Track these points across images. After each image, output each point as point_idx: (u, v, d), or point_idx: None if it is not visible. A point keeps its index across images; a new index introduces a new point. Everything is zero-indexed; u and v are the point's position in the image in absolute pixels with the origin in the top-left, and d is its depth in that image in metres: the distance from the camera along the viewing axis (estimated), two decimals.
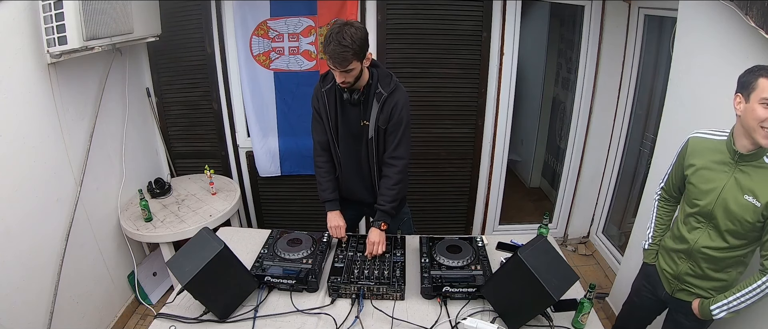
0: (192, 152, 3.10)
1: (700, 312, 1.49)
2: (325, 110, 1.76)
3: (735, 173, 1.34)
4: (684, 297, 1.57)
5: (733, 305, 1.39)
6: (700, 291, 1.51)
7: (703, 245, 1.44)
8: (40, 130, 1.97)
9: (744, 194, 1.30)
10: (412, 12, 2.66)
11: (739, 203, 1.32)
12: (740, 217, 1.32)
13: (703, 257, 1.46)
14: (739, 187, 1.32)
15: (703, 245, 1.44)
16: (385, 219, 1.81)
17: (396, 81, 1.73)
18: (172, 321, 1.53)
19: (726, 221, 1.36)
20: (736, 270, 1.45)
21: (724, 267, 1.44)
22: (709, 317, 1.47)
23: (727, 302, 1.40)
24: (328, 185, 1.90)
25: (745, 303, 1.36)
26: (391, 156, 1.78)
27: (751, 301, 1.36)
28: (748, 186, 1.30)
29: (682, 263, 1.54)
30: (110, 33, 2.05)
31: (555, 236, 3.31)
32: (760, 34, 1.43)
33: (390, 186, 1.80)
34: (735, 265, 1.44)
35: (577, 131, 3.11)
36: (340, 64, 1.53)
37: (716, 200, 1.37)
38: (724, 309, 1.41)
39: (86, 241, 2.27)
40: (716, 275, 1.46)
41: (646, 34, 2.70)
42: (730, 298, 1.40)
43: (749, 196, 1.29)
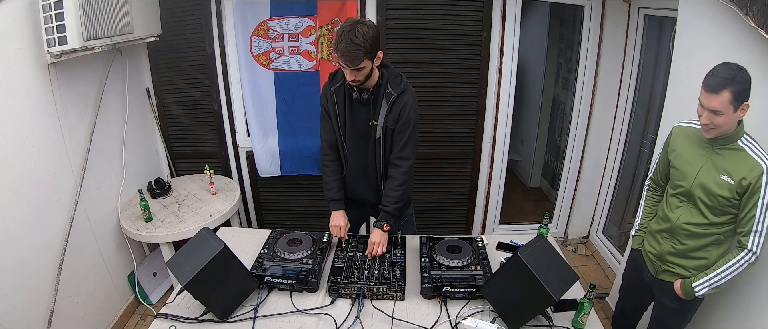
0: (192, 152, 3.10)
1: (683, 290, 1.58)
2: (334, 109, 1.76)
3: (712, 156, 1.49)
4: (667, 278, 1.66)
5: (713, 281, 1.50)
6: (681, 270, 1.61)
7: (685, 221, 1.57)
8: (40, 130, 1.97)
9: (719, 173, 1.45)
10: (412, 12, 2.66)
11: (715, 181, 1.46)
12: (717, 193, 1.46)
13: (684, 233, 1.57)
14: (715, 167, 1.47)
15: (684, 221, 1.57)
16: (388, 220, 1.81)
17: (406, 82, 1.73)
18: (172, 321, 1.53)
19: (704, 198, 1.50)
20: (717, 250, 1.54)
21: (704, 244, 1.54)
22: (691, 295, 1.55)
23: (708, 278, 1.51)
24: (333, 184, 1.90)
25: (725, 278, 1.48)
26: (397, 157, 1.78)
27: (730, 277, 1.47)
28: (723, 166, 1.45)
29: (664, 242, 1.65)
30: (110, 33, 2.05)
31: (555, 236, 3.31)
32: (760, 34, 1.43)
33: (395, 187, 1.80)
34: (714, 244, 1.53)
35: (577, 131, 3.11)
36: (351, 62, 1.53)
37: (694, 180, 1.52)
38: (706, 285, 1.52)
39: (86, 241, 2.27)
40: (697, 253, 1.56)
41: (646, 34, 2.70)
42: (711, 275, 1.50)
43: (724, 175, 1.44)
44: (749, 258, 1.43)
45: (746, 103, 1.36)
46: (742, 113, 1.38)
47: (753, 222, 1.40)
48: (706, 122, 1.42)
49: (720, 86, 1.34)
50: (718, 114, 1.37)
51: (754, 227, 1.40)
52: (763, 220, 1.39)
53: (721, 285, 1.50)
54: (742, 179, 1.40)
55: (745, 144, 1.43)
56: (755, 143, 1.43)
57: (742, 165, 1.41)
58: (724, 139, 1.45)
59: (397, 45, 2.72)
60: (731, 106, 1.35)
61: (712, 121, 1.40)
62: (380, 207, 1.83)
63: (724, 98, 1.34)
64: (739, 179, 1.41)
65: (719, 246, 1.54)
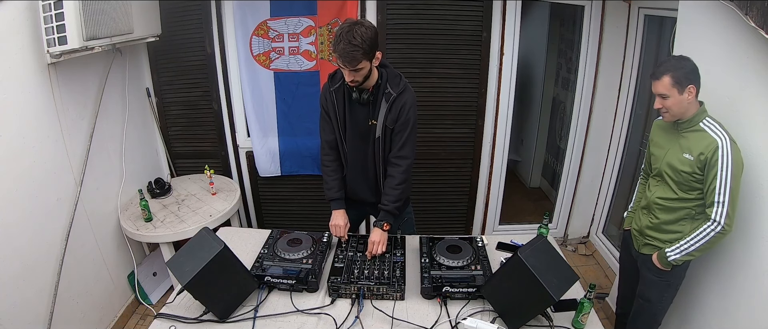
0: (192, 152, 3.10)
1: (659, 260, 1.73)
2: (334, 109, 1.77)
3: (678, 139, 1.67)
4: (648, 252, 1.81)
5: (684, 248, 1.65)
6: (658, 243, 1.76)
7: (658, 196, 1.75)
8: (40, 130, 1.97)
9: (683, 152, 1.63)
10: (412, 12, 2.66)
11: (679, 159, 1.64)
12: (680, 170, 1.63)
13: (658, 207, 1.75)
14: (680, 148, 1.65)
15: (657, 196, 1.75)
16: (388, 219, 1.81)
17: (405, 82, 1.74)
18: (172, 321, 1.53)
19: (671, 174, 1.67)
20: (690, 225, 1.68)
21: (676, 218, 1.70)
22: (667, 264, 1.70)
23: (680, 245, 1.66)
24: (334, 184, 1.91)
25: (694, 245, 1.62)
26: (396, 156, 1.79)
27: (698, 244, 1.61)
28: (686, 146, 1.62)
29: (644, 217, 1.83)
30: (110, 33, 2.05)
31: (555, 236, 3.32)
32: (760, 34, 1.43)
33: (394, 186, 1.80)
34: (687, 219, 1.69)
35: (577, 131, 3.11)
36: (350, 63, 1.53)
37: (663, 160, 1.72)
38: (677, 252, 1.66)
39: (86, 241, 2.27)
40: (671, 227, 1.72)
41: (646, 34, 2.70)
42: (682, 242, 1.65)
43: (686, 153, 1.62)
44: (714, 227, 1.55)
45: (692, 85, 1.53)
46: (690, 96, 1.54)
47: (714, 194, 1.53)
48: (658, 106, 1.62)
49: (661, 73, 1.56)
50: (665, 98, 1.57)
51: (715, 198, 1.54)
52: (723, 191, 1.52)
53: (691, 252, 1.63)
54: (700, 154, 1.56)
55: (705, 125, 1.58)
56: (715, 123, 1.57)
57: (701, 142, 1.57)
58: (686, 123, 1.62)
59: (397, 45, 2.72)
60: (674, 88, 1.54)
61: (663, 104, 1.59)
62: (380, 206, 1.83)
63: (665, 82, 1.54)
64: (697, 154, 1.57)
65: (692, 221, 1.68)
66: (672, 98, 1.56)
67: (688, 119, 1.61)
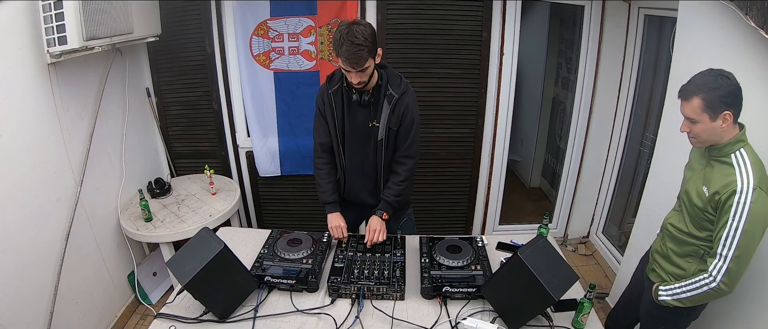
0: (192, 152, 3.10)
1: (653, 293, 1.57)
2: (332, 112, 1.76)
3: (706, 167, 1.44)
4: (652, 278, 1.66)
5: (675, 291, 1.48)
6: (662, 272, 1.60)
7: (670, 222, 1.58)
8: (40, 130, 1.97)
9: (703, 184, 1.41)
10: (412, 12, 2.66)
11: (697, 191, 1.43)
12: (695, 202, 1.43)
13: (668, 234, 1.58)
14: (703, 178, 1.43)
15: (669, 222, 1.58)
16: (387, 210, 1.82)
17: (406, 82, 1.74)
18: (172, 321, 1.53)
19: (687, 205, 1.49)
20: (696, 265, 1.48)
21: (684, 253, 1.51)
22: (657, 299, 1.54)
23: (672, 287, 1.50)
24: (328, 187, 1.90)
25: (685, 293, 1.44)
26: (403, 155, 1.80)
27: (691, 294, 1.43)
28: (708, 177, 1.40)
29: (658, 241, 1.67)
30: (110, 33, 2.05)
31: (555, 236, 3.31)
32: (760, 34, 1.43)
33: (398, 182, 1.82)
34: (693, 257, 1.49)
35: (577, 131, 3.11)
36: (356, 63, 1.52)
37: (684, 185, 1.54)
38: (669, 293, 1.50)
39: (86, 241, 2.27)
40: (677, 259, 1.53)
41: (646, 34, 2.70)
42: (675, 285, 1.49)
43: (705, 186, 1.39)
44: (708, 282, 1.36)
45: (727, 112, 1.28)
46: (724, 123, 1.30)
47: (719, 245, 1.32)
48: (685, 129, 1.39)
49: (691, 92, 1.32)
50: (693, 122, 1.34)
51: (719, 250, 1.32)
52: (729, 245, 1.29)
53: (681, 300, 1.46)
54: (715, 193, 1.33)
55: (736, 158, 1.33)
56: (746, 161, 1.31)
57: (722, 180, 1.33)
58: (716, 150, 1.38)
59: (397, 45, 2.72)
60: (705, 114, 1.30)
61: (691, 129, 1.37)
62: (381, 197, 1.84)
63: (694, 105, 1.31)
64: (712, 192, 1.34)
65: (700, 262, 1.47)
66: (702, 123, 1.32)
67: (720, 146, 1.36)
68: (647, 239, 1.87)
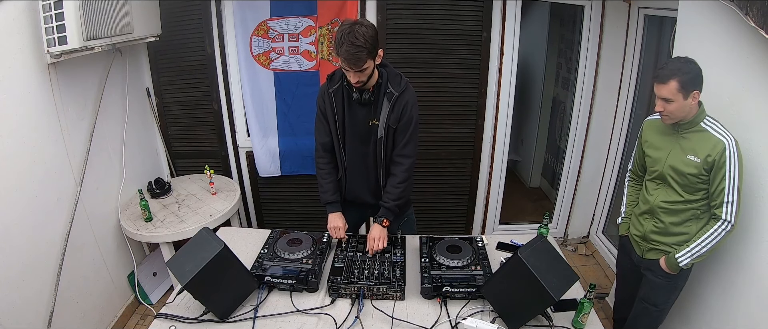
0: (192, 152, 3.10)
1: (668, 264, 1.69)
2: (332, 111, 1.76)
3: (679, 140, 1.63)
4: (653, 256, 1.77)
5: (695, 251, 1.62)
6: (665, 247, 1.73)
7: (662, 199, 1.70)
8: (40, 130, 1.97)
9: (687, 154, 1.59)
10: (412, 12, 2.66)
11: (683, 161, 1.60)
12: (686, 173, 1.59)
13: (662, 211, 1.70)
14: (682, 150, 1.61)
15: (661, 200, 1.70)
16: (388, 216, 1.81)
17: (406, 80, 1.74)
18: (172, 321, 1.53)
19: (676, 177, 1.63)
20: (695, 225, 1.65)
21: (682, 220, 1.67)
22: (676, 268, 1.67)
23: (690, 249, 1.63)
24: (329, 187, 1.90)
25: (706, 247, 1.60)
26: (399, 154, 1.79)
27: (710, 246, 1.59)
28: (689, 147, 1.59)
29: (646, 222, 1.78)
30: (110, 33, 2.05)
31: (555, 236, 3.31)
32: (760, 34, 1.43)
33: (396, 184, 1.80)
34: (692, 220, 1.66)
35: (577, 131, 3.11)
36: (355, 64, 1.52)
37: (665, 163, 1.67)
38: (688, 256, 1.63)
39: (86, 241, 2.27)
40: (677, 229, 1.68)
41: (646, 34, 2.70)
42: (692, 246, 1.62)
43: (691, 155, 1.58)
44: (725, 227, 1.55)
45: (696, 91, 1.50)
46: (693, 101, 1.51)
47: (724, 194, 1.53)
48: (660, 109, 1.57)
49: (667, 76, 1.50)
50: (668, 102, 1.53)
51: (725, 198, 1.53)
52: (732, 191, 1.51)
53: (702, 255, 1.61)
54: (708, 157, 1.53)
55: (707, 125, 1.56)
56: (717, 123, 1.55)
57: (706, 144, 1.54)
58: (687, 123, 1.59)
59: (397, 45, 2.72)
60: (680, 93, 1.50)
61: (665, 108, 1.55)
62: (380, 203, 1.83)
63: (671, 86, 1.49)
64: (704, 156, 1.54)
65: (697, 221, 1.65)
66: (676, 102, 1.52)
67: (691, 119, 1.58)
68: None
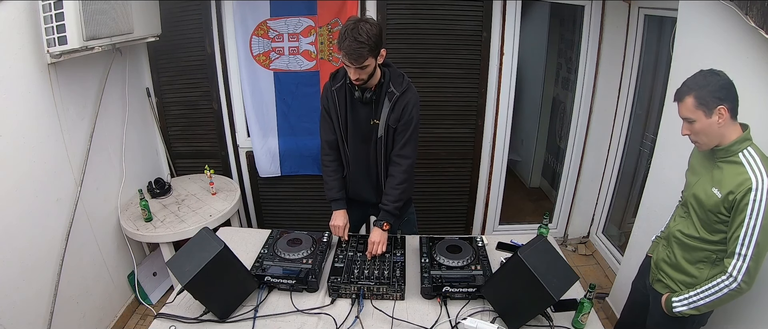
0: (192, 152, 3.10)
1: (665, 305, 1.53)
2: (335, 109, 1.76)
3: (713, 169, 1.42)
4: (659, 289, 1.62)
5: (692, 300, 1.44)
6: (671, 282, 1.56)
7: (678, 229, 1.54)
8: (40, 130, 1.97)
9: (713, 186, 1.39)
10: (412, 12, 2.66)
11: (706, 193, 1.40)
12: (706, 205, 1.40)
13: (676, 241, 1.54)
14: (711, 180, 1.41)
15: (677, 229, 1.54)
16: (388, 219, 1.81)
17: (408, 81, 1.74)
18: (172, 321, 1.53)
19: (697, 209, 1.45)
20: (708, 270, 1.45)
21: (695, 259, 1.48)
22: (670, 311, 1.50)
23: (688, 296, 1.46)
24: (334, 184, 1.90)
25: (704, 300, 1.41)
26: (398, 154, 1.78)
27: (709, 299, 1.39)
28: (718, 179, 1.38)
29: (662, 249, 1.63)
30: (110, 33, 2.05)
31: (555, 236, 3.31)
32: (760, 34, 1.42)
33: (394, 186, 1.80)
34: (706, 262, 1.46)
35: (577, 131, 3.11)
36: (356, 60, 1.53)
37: (691, 190, 1.50)
38: (685, 303, 1.46)
39: (86, 241, 2.27)
40: (687, 267, 1.50)
41: (646, 34, 2.70)
42: (691, 293, 1.45)
43: (715, 188, 1.37)
44: (729, 283, 1.33)
45: (721, 107, 1.30)
46: (721, 119, 1.31)
47: (736, 244, 1.30)
48: (685, 132, 1.40)
49: (683, 93, 1.35)
50: (691, 122, 1.36)
51: (737, 249, 1.30)
52: (748, 243, 1.28)
53: (699, 307, 1.43)
54: (729, 194, 1.31)
55: (744, 157, 1.33)
56: (756, 158, 1.31)
57: (734, 179, 1.31)
58: (722, 151, 1.37)
59: (397, 45, 2.72)
60: (699, 111, 1.32)
61: (690, 130, 1.38)
62: (380, 206, 1.83)
63: (688, 104, 1.34)
64: (726, 193, 1.32)
65: (712, 267, 1.45)
66: (699, 122, 1.33)
67: (726, 146, 1.35)
68: (647, 239, 1.87)
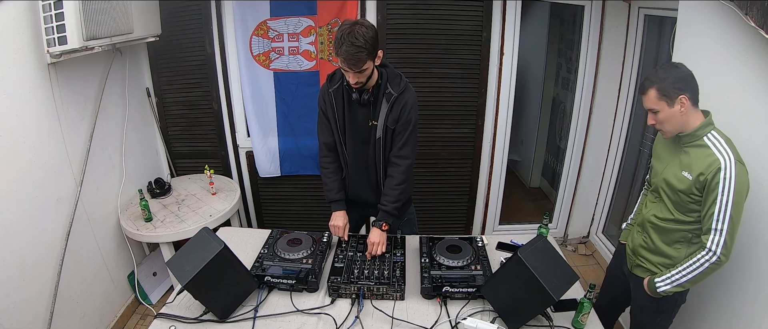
0: (192, 152, 3.10)
1: (648, 287, 1.61)
2: (333, 111, 1.76)
3: (680, 154, 1.51)
4: (639, 274, 1.69)
5: (675, 278, 1.52)
6: (651, 266, 1.64)
7: (653, 214, 1.61)
8: (40, 130, 1.97)
9: (682, 170, 1.48)
10: (412, 12, 2.66)
11: (677, 177, 1.49)
12: (677, 189, 1.49)
13: (652, 226, 1.61)
14: (680, 165, 1.50)
15: (652, 214, 1.61)
16: (387, 220, 1.80)
17: (406, 81, 1.73)
18: (172, 321, 1.53)
19: (668, 193, 1.54)
20: (685, 249, 1.54)
21: (672, 240, 1.57)
22: (655, 292, 1.58)
23: (670, 275, 1.53)
24: (333, 186, 1.90)
25: (686, 277, 1.49)
26: (396, 155, 1.78)
27: (691, 275, 1.48)
28: (686, 163, 1.47)
29: (638, 236, 1.71)
30: (110, 33, 2.05)
31: (555, 236, 3.31)
32: (760, 34, 1.43)
33: (393, 186, 1.79)
34: (682, 243, 1.55)
35: (577, 131, 3.11)
36: (355, 65, 1.52)
37: (660, 176, 1.58)
38: (667, 282, 1.54)
39: (86, 241, 2.27)
40: (665, 249, 1.58)
41: (646, 34, 2.70)
42: (673, 272, 1.53)
43: (686, 171, 1.46)
44: (709, 257, 1.42)
45: (683, 96, 1.39)
46: (683, 107, 1.41)
47: (712, 220, 1.39)
48: (651, 122, 1.50)
49: (646, 86, 1.45)
50: (655, 113, 1.46)
51: (713, 225, 1.40)
52: (722, 218, 1.37)
53: (683, 284, 1.50)
54: (700, 175, 1.40)
55: (710, 140, 1.43)
56: (720, 140, 1.41)
57: (703, 161, 1.41)
58: (688, 136, 1.47)
59: (397, 45, 2.72)
60: (662, 101, 1.42)
61: (655, 120, 1.47)
62: (379, 206, 1.83)
63: (650, 96, 1.44)
64: (696, 174, 1.42)
65: (688, 246, 1.53)
66: (662, 112, 1.43)
67: (690, 132, 1.45)
68: None
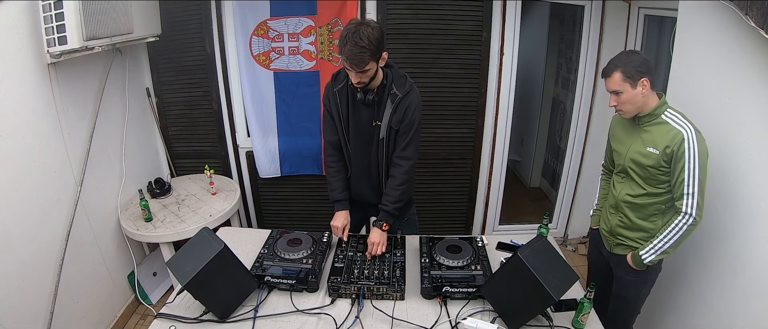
0: (192, 152, 3.10)
1: (634, 261, 1.70)
2: (337, 110, 1.76)
3: (641, 133, 1.63)
4: (620, 252, 1.78)
5: (658, 247, 1.62)
6: (631, 242, 1.73)
7: (626, 193, 1.71)
8: (40, 130, 1.97)
9: (646, 147, 1.60)
10: (412, 12, 2.66)
11: (643, 154, 1.61)
12: (645, 164, 1.60)
13: (627, 205, 1.71)
14: (643, 143, 1.62)
15: (625, 193, 1.71)
16: (387, 220, 1.80)
17: (411, 82, 1.73)
18: (172, 321, 1.53)
19: (636, 170, 1.65)
20: (660, 220, 1.66)
21: (647, 215, 1.67)
22: (641, 265, 1.67)
23: (653, 245, 1.63)
24: (337, 185, 1.90)
25: (668, 243, 1.60)
26: (399, 156, 1.78)
27: (673, 240, 1.59)
28: (650, 140, 1.59)
29: (612, 217, 1.80)
30: (110, 33, 2.05)
31: (555, 236, 3.31)
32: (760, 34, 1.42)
33: (395, 186, 1.79)
34: (657, 215, 1.66)
35: (577, 131, 3.11)
36: (357, 65, 1.52)
37: (626, 156, 1.68)
38: (652, 252, 1.64)
39: (86, 241, 2.27)
40: (642, 223, 1.69)
41: (646, 34, 2.70)
42: (655, 242, 1.63)
43: (650, 147, 1.59)
44: (687, 220, 1.55)
45: (645, 78, 1.52)
46: (644, 89, 1.53)
47: (684, 186, 1.53)
48: (613, 104, 1.61)
49: (610, 70, 1.56)
50: (618, 94, 1.57)
51: (685, 190, 1.53)
52: (693, 183, 1.51)
53: (667, 250, 1.61)
54: (666, 148, 1.53)
55: (668, 117, 1.57)
56: (678, 115, 1.56)
57: (666, 135, 1.54)
58: (647, 116, 1.60)
59: (397, 45, 2.72)
60: (626, 83, 1.54)
61: (617, 101, 1.59)
62: (380, 207, 1.83)
63: (615, 78, 1.55)
64: (663, 148, 1.54)
65: (663, 216, 1.65)
66: (625, 93, 1.55)
67: (649, 112, 1.59)
68: None
